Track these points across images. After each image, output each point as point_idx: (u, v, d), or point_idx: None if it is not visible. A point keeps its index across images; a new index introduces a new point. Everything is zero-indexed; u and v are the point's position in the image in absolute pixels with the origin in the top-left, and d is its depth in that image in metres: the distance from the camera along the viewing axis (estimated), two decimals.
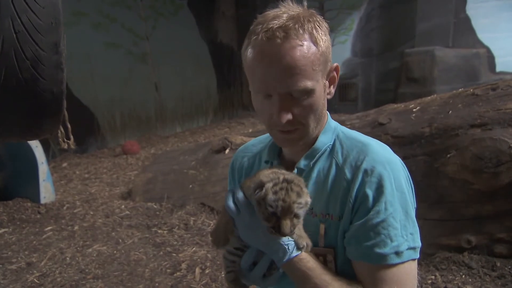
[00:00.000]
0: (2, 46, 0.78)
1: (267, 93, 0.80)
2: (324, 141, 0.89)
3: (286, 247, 0.77)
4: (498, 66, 6.77)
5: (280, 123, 0.80)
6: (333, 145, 0.90)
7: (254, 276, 0.85)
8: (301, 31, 0.76)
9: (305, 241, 0.79)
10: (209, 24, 9.37)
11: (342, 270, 0.82)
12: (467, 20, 6.88)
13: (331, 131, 0.91)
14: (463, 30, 6.89)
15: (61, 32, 0.88)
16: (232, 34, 9.68)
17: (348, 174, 0.83)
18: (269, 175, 0.77)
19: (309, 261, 0.77)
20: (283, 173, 0.77)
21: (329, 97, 0.89)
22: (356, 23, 8.25)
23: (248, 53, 0.80)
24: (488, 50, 6.77)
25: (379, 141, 0.89)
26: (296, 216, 0.74)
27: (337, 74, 0.88)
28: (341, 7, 8.26)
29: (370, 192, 0.79)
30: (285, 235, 0.73)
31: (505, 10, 6.56)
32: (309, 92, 0.79)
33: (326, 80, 0.85)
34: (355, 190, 0.80)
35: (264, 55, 0.76)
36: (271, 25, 0.76)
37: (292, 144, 0.87)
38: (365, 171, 0.81)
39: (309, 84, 0.78)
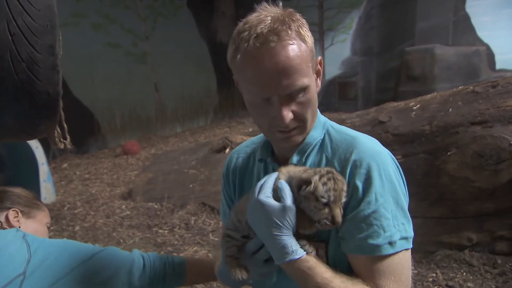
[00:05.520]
0: None
1: (266, 97, 0.80)
2: (314, 135, 0.90)
3: (291, 248, 0.76)
4: (498, 64, 6.75)
5: (284, 124, 0.81)
6: (323, 139, 0.91)
7: (256, 260, 0.85)
8: (289, 32, 0.78)
9: (311, 246, 0.79)
10: (208, 24, 9.36)
11: (333, 264, 0.81)
12: (467, 18, 6.86)
13: (320, 126, 0.92)
14: (463, 28, 6.88)
15: (56, 34, 0.88)
16: (232, 33, 9.66)
17: (337, 167, 0.84)
18: (307, 171, 0.79)
19: (308, 261, 0.76)
20: (318, 169, 0.80)
21: (317, 89, 0.90)
22: (356, 21, 8.23)
23: (240, 61, 0.81)
24: (488, 48, 6.75)
25: (368, 135, 0.90)
26: (342, 204, 0.76)
27: (321, 66, 0.90)
28: (341, 6, 8.24)
29: (359, 184, 0.80)
30: (339, 224, 0.75)
31: (505, 7, 6.55)
32: (306, 89, 0.81)
33: (314, 74, 0.87)
34: None
35: (260, 60, 0.77)
36: (259, 30, 0.77)
37: (293, 142, 0.88)
38: (354, 163, 0.82)
39: (305, 81, 0.80)
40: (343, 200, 0.76)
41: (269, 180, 0.81)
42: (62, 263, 0.94)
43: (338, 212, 0.75)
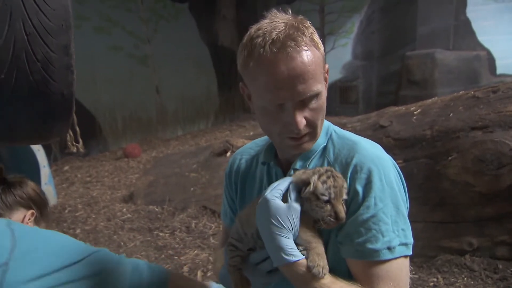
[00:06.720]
0: (14, 48, 0.78)
1: (281, 103, 0.80)
2: (319, 141, 0.91)
3: (289, 250, 0.76)
4: (499, 69, 6.77)
5: (298, 130, 0.81)
6: (326, 144, 0.92)
7: (259, 270, 0.85)
8: (304, 38, 0.78)
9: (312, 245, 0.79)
10: (210, 27, 9.39)
11: (332, 269, 0.80)
12: (468, 22, 6.88)
13: (324, 131, 0.93)
14: (464, 33, 6.90)
15: (71, 34, 0.87)
16: (233, 36, 9.71)
17: (338, 171, 0.84)
18: (306, 172, 0.80)
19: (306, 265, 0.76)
20: (317, 168, 0.81)
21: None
22: (357, 26, 8.26)
23: (253, 66, 0.80)
24: (489, 53, 6.77)
25: (371, 141, 0.90)
26: (343, 202, 0.78)
27: (327, 74, 0.91)
28: (342, 10, 8.27)
29: (359, 188, 0.80)
30: (343, 220, 0.76)
31: (505, 12, 6.57)
32: (319, 95, 0.82)
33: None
34: None
35: (276, 65, 0.77)
36: (275, 36, 0.76)
37: (303, 149, 0.88)
38: (355, 167, 0.82)
39: (319, 87, 0.81)
40: (344, 197, 0.77)
41: (282, 183, 0.81)
42: (52, 256, 0.86)
43: (341, 208, 0.76)
